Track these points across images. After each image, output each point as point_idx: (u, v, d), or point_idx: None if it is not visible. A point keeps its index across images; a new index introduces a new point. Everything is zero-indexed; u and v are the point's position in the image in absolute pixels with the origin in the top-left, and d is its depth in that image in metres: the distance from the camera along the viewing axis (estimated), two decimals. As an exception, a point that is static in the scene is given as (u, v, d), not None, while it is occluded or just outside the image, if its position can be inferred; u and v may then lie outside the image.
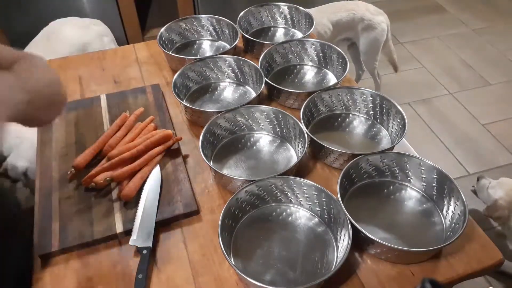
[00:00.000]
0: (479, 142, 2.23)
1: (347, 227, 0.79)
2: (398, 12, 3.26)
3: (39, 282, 0.79)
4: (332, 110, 1.14)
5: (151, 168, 0.97)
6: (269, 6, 1.46)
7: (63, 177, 0.96)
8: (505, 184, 1.55)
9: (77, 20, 1.92)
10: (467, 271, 0.80)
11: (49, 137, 1.06)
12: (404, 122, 1.01)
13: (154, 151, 0.98)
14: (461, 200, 0.83)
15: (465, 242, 0.84)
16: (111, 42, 1.97)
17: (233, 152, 1.04)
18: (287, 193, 0.90)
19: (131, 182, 0.92)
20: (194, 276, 0.80)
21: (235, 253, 0.83)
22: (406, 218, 0.89)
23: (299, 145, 1.01)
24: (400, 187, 0.95)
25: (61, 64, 1.34)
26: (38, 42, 1.77)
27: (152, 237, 0.84)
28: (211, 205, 0.93)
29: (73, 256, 0.83)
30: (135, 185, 0.92)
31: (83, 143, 1.03)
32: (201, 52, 1.39)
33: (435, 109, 2.44)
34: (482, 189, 1.62)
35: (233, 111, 1.05)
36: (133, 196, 0.91)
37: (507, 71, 2.70)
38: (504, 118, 2.37)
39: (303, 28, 1.44)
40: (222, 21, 1.38)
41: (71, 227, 0.86)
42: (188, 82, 1.21)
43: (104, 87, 1.24)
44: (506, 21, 3.18)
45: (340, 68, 1.23)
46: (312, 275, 0.79)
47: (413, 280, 0.79)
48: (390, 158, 0.94)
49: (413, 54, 2.86)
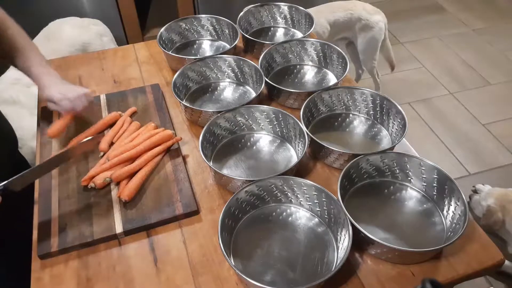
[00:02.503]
0: (479, 142, 2.23)
1: (347, 227, 0.79)
2: (398, 12, 3.26)
3: (39, 282, 0.79)
4: (332, 110, 1.14)
5: (151, 168, 0.97)
6: (269, 6, 1.46)
7: (63, 177, 0.96)
8: (493, 192, 1.63)
9: (76, 20, 1.91)
10: (468, 271, 0.80)
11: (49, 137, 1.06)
12: (404, 122, 1.01)
13: (154, 151, 0.98)
14: (461, 200, 0.83)
15: (466, 242, 0.83)
16: (111, 42, 1.97)
17: (233, 152, 1.04)
18: (287, 193, 0.90)
19: (130, 182, 0.92)
20: (194, 276, 0.80)
21: (235, 253, 0.83)
22: (406, 218, 0.89)
23: (299, 145, 1.01)
24: (400, 187, 0.95)
25: (61, 64, 1.33)
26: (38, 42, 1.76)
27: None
28: (211, 205, 0.92)
29: (73, 256, 0.83)
30: (135, 185, 0.92)
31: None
32: (201, 52, 1.38)
33: (435, 109, 2.44)
34: (476, 205, 1.71)
35: (233, 111, 1.05)
36: (133, 196, 0.91)
37: (507, 71, 2.69)
38: (504, 118, 2.36)
39: (303, 28, 1.44)
40: (222, 21, 1.38)
41: (71, 227, 0.86)
42: (188, 82, 1.21)
43: (104, 87, 1.24)
44: (506, 21, 3.18)
45: (340, 68, 1.23)
46: (312, 276, 0.79)
47: (413, 280, 0.78)
48: (391, 158, 0.93)
49: (413, 54, 2.86)
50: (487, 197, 1.62)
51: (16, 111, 1.46)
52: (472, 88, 2.58)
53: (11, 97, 1.48)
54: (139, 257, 0.83)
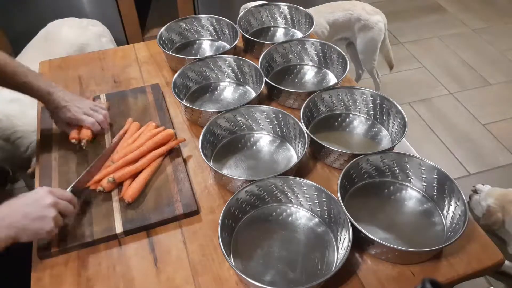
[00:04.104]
0: (479, 142, 2.23)
1: (347, 227, 0.79)
2: (398, 12, 3.26)
3: (39, 282, 0.79)
4: (332, 110, 1.14)
5: (154, 169, 0.96)
6: (269, 6, 1.46)
7: (63, 178, 0.96)
8: (493, 192, 1.63)
9: (74, 21, 1.91)
10: (468, 272, 0.80)
11: (49, 137, 1.06)
12: (404, 122, 1.01)
13: (157, 152, 0.98)
14: (461, 200, 0.83)
15: (466, 242, 0.83)
16: (109, 42, 1.96)
17: (233, 152, 1.04)
18: (287, 193, 0.90)
19: (134, 183, 0.92)
20: (194, 276, 0.80)
21: (235, 253, 0.83)
22: (406, 218, 0.89)
23: (299, 145, 1.01)
24: (400, 187, 0.95)
25: (61, 64, 1.33)
26: (36, 44, 1.77)
27: None
28: (211, 205, 0.92)
29: (73, 256, 0.83)
30: (138, 186, 0.92)
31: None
32: (201, 52, 1.38)
33: (435, 109, 2.43)
34: (476, 205, 1.72)
35: (233, 111, 1.05)
36: (137, 197, 0.91)
37: (507, 71, 2.69)
38: (504, 118, 2.36)
39: (303, 28, 1.44)
40: (222, 21, 1.38)
41: (71, 227, 0.86)
42: (188, 82, 1.21)
43: (104, 87, 1.24)
44: (506, 21, 3.18)
45: (340, 68, 1.23)
46: (312, 276, 0.79)
47: (413, 280, 0.78)
48: (391, 158, 0.93)
49: (413, 54, 2.86)
50: (487, 197, 1.62)
51: (18, 108, 1.46)
52: (472, 88, 2.58)
53: (11, 94, 1.48)
54: (139, 257, 0.83)
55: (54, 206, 0.77)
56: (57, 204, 0.78)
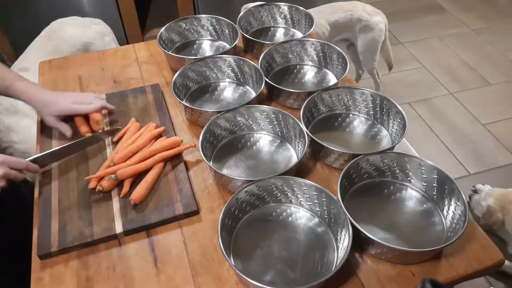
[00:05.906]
0: (479, 142, 2.23)
1: (347, 227, 0.79)
2: (398, 12, 3.26)
3: (39, 282, 0.79)
4: (332, 110, 1.14)
5: (159, 171, 0.96)
6: (269, 6, 1.46)
7: (63, 177, 0.96)
8: (493, 192, 1.64)
9: (78, 20, 1.91)
10: (468, 271, 0.80)
11: (49, 137, 1.06)
12: (404, 122, 1.01)
13: (165, 153, 0.98)
14: (461, 200, 0.83)
15: (466, 242, 0.83)
16: (112, 41, 1.97)
17: (233, 152, 1.04)
18: (287, 193, 0.90)
19: (142, 182, 0.92)
20: (194, 276, 0.80)
21: (235, 253, 0.83)
22: (406, 218, 0.89)
23: (299, 145, 1.01)
24: (400, 187, 0.95)
25: (61, 64, 1.33)
26: (40, 42, 1.77)
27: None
28: (211, 205, 0.92)
29: (73, 256, 0.83)
30: (145, 187, 0.91)
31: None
32: (201, 52, 1.38)
33: (435, 109, 2.44)
34: (476, 205, 1.72)
35: (233, 111, 1.05)
36: (143, 199, 0.91)
37: (507, 71, 2.69)
38: (504, 118, 2.36)
39: (303, 28, 1.44)
40: (222, 21, 1.38)
41: (71, 227, 0.86)
42: (188, 82, 1.21)
43: (104, 87, 1.24)
44: (506, 21, 3.18)
45: (340, 68, 1.23)
46: (312, 276, 0.79)
47: (413, 280, 0.78)
48: (391, 158, 0.93)
49: (413, 54, 2.86)
50: (487, 197, 1.63)
51: (19, 121, 1.46)
52: (472, 88, 2.58)
53: (12, 105, 1.47)
54: (139, 257, 0.83)
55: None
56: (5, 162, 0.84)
